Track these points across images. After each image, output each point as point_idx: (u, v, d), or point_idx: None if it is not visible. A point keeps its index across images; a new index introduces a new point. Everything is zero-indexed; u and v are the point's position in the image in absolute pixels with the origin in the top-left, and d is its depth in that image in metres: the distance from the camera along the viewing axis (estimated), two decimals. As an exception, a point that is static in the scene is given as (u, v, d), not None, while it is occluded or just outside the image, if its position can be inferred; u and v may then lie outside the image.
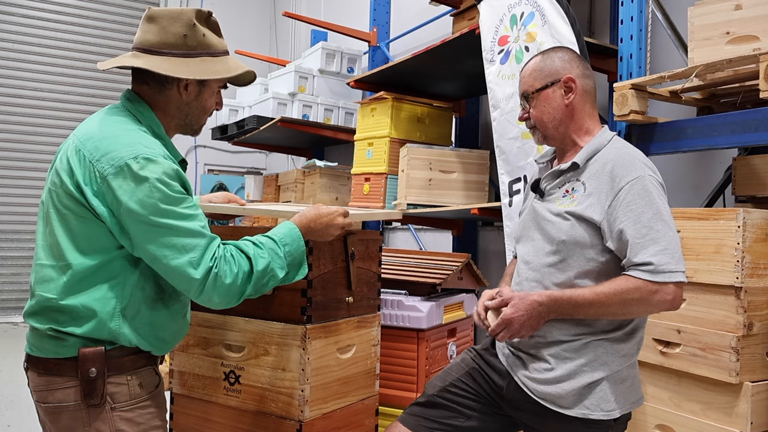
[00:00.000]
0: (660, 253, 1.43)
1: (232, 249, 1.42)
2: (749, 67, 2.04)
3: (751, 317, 1.82)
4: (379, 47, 4.64)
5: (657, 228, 1.45)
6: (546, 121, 1.64)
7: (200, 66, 1.46)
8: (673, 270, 1.43)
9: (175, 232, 1.34)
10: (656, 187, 1.51)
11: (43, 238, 1.42)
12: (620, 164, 1.52)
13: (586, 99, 1.63)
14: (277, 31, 7.23)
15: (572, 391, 1.52)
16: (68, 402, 1.37)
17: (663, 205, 1.49)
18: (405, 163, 3.23)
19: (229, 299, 1.41)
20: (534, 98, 1.64)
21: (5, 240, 6.23)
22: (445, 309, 2.56)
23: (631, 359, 1.56)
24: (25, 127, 6.33)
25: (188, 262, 1.34)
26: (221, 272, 1.37)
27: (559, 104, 1.62)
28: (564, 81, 1.61)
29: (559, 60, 1.63)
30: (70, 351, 1.37)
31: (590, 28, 3.29)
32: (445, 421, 1.71)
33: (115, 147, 1.35)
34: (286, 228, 1.54)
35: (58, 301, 1.36)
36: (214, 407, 1.97)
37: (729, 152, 2.59)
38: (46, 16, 6.44)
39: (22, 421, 3.36)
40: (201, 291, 1.37)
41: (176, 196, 1.36)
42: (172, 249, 1.34)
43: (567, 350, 1.54)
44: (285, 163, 6.67)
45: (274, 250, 1.47)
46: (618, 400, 1.52)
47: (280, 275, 1.48)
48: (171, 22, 1.45)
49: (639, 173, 1.50)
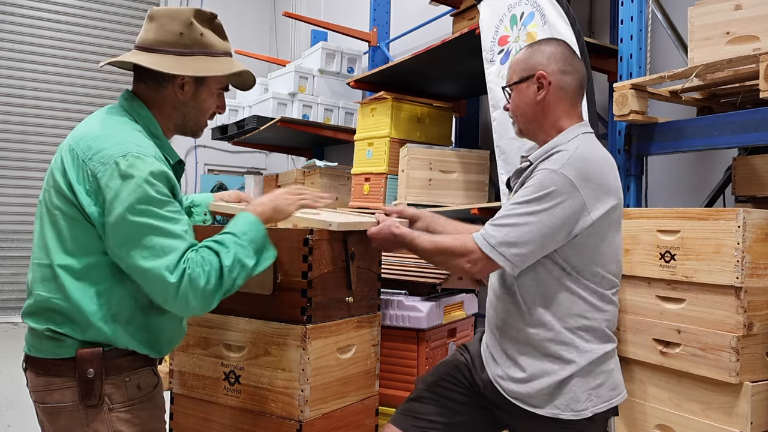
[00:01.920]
0: (498, 226, 1.49)
1: (201, 251, 1.37)
2: (749, 67, 2.04)
3: (751, 317, 1.82)
4: (379, 47, 4.65)
5: (516, 210, 1.48)
6: (519, 115, 1.66)
7: (195, 64, 1.45)
8: (491, 243, 1.47)
9: (155, 232, 1.30)
10: (555, 184, 1.45)
11: (39, 238, 1.42)
12: (550, 160, 1.51)
13: (561, 96, 1.59)
14: (277, 31, 7.23)
15: (542, 390, 1.53)
16: (66, 402, 1.37)
17: (546, 200, 1.45)
18: (405, 163, 3.23)
19: (206, 302, 1.35)
20: (512, 90, 1.66)
21: (5, 240, 6.23)
22: (445, 309, 2.56)
23: (602, 357, 1.54)
24: (25, 127, 6.33)
25: (165, 265, 1.29)
26: (194, 274, 1.31)
27: (531, 100, 1.61)
28: (537, 77, 1.59)
29: (541, 54, 1.61)
30: (68, 352, 1.36)
31: (590, 28, 3.29)
32: (434, 418, 1.72)
33: (107, 145, 1.34)
34: (241, 218, 1.50)
35: (55, 301, 1.36)
36: (214, 407, 1.97)
37: (729, 152, 2.59)
38: (46, 16, 6.44)
39: (22, 421, 3.36)
40: (176, 296, 1.31)
41: (159, 197, 1.33)
42: (150, 249, 1.30)
43: (536, 349, 1.55)
44: (285, 163, 6.67)
45: (237, 242, 1.42)
46: (590, 399, 1.51)
47: (249, 264, 1.42)
48: (169, 20, 1.46)
49: (554, 167, 1.48)
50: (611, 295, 1.57)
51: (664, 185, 2.93)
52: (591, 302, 1.54)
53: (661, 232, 2.01)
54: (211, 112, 1.56)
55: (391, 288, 2.59)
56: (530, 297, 1.55)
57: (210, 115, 1.57)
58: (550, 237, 1.47)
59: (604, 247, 1.54)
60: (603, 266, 1.55)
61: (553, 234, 1.47)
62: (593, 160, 1.51)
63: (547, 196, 1.46)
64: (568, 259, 1.52)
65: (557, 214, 1.45)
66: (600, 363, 1.54)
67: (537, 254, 1.50)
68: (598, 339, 1.55)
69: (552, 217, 1.45)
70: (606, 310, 1.56)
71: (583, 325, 1.53)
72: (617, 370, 1.60)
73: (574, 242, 1.50)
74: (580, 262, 1.53)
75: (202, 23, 1.48)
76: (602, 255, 1.54)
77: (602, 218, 1.50)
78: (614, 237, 1.57)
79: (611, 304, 1.57)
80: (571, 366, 1.52)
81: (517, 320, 1.58)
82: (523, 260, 1.48)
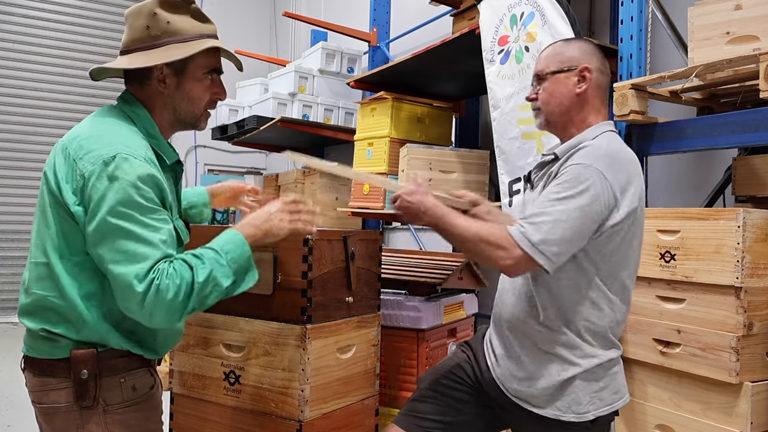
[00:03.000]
0: (537, 223, 1.41)
1: (175, 263, 1.31)
2: (749, 67, 2.04)
3: (751, 317, 1.82)
4: (379, 47, 4.64)
5: (555, 206, 1.42)
6: (553, 106, 1.61)
7: (164, 53, 1.41)
8: (529, 240, 1.40)
9: (130, 237, 1.27)
10: (591, 178, 1.43)
11: (36, 236, 1.41)
12: (581, 155, 1.49)
13: (596, 94, 1.60)
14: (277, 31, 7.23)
15: (544, 391, 1.52)
16: (61, 403, 1.36)
17: (581, 193, 1.42)
18: (405, 163, 3.23)
19: (171, 316, 1.29)
20: (546, 79, 1.61)
21: (5, 240, 6.23)
22: (445, 309, 2.56)
23: (606, 363, 1.53)
24: (25, 127, 6.33)
25: (134, 273, 1.25)
26: (162, 286, 1.26)
27: (570, 91, 1.59)
28: (580, 70, 1.58)
29: (580, 50, 1.62)
30: (63, 352, 1.35)
31: (590, 28, 3.29)
32: (437, 417, 1.71)
33: (97, 146, 1.33)
34: (228, 235, 1.43)
35: (51, 300, 1.35)
36: (214, 407, 1.97)
37: (729, 152, 2.59)
38: (46, 16, 6.44)
39: (22, 421, 3.36)
40: (141, 306, 1.26)
41: (142, 202, 1.29)
42: (122, 254, 1.26)
43: (542, 349, 1.55)
44: (285, 163, 6.67)
45: (216, 260, 1.35)
46: (592, 402, 1.51)
47: (224, 284, 1.35)
48: (135, 17, 1.44)
49: (587, 162, 1.45)
50: (620, 302, 1.55)
51: (664, 185, 2.93)
52: (602, 308, 1.52)
53: (661, 232, 2.01)
54: (207, 99, 1.50)
55: (391, 288, 2.59)
56: (546, 297, 1.53)
57: (208, 103, 1.51)
58: (585, 233, 1.44)
59: (630, 253, 1.53)
60: (626, 273, 1.54)
61: (588, 230, 1.44)
62: (623, 158, 1.51)
63: (584, 191, 1.42)
64: (596, 262, 1.49)
65: (595, 210, 1.43)
66: (604, 367, 1.53)
67: (572, 252, 1.46)
68: (605, 343, 1.54)
69: (590, 213, 1.42)
70: (615, 317, 1.55)
71: (592, 329, 1.52)
72: (621, 373, 1.59)
73: (602, 244, 1.48)
74: (608, 266, 1.50)
75: (171, 10, 1.44)
76: (628, 261, 1.53)
77: (629, 217, 1.48)
78: (639, 243, 1.56)
79: (620, 312, 1.56)
80: (575, 368, 1.51)
81: (528, 319, 1.57)
82: (562, 258, 1.44)
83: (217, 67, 1.50)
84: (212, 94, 1.50)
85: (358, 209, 3.65)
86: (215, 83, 1.51)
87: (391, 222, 4.65)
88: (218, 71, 1.51)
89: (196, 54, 1.42)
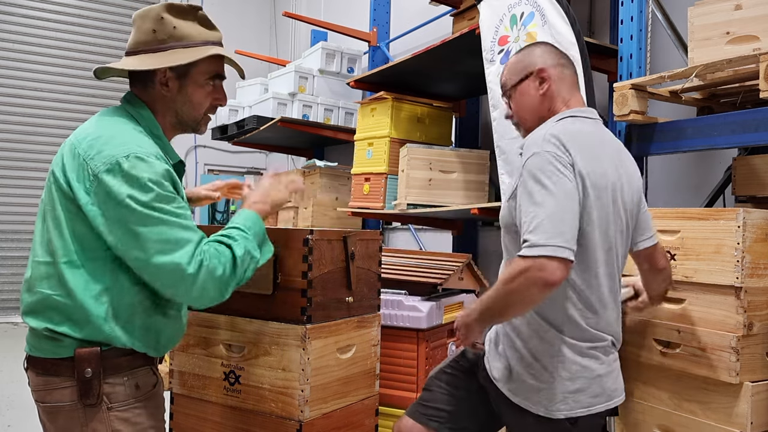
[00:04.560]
0: (535, 230, 1.39)
1: (212, 243, 1.42)
2: (749, 67, 2.04)
3: (751, 317, 1.82)
4: (379, 47, 4.65)
5: (535, 205, 1.42)
6: (526, 113, 1.66)
7: (168, 57, 1.44)
8: (542, 244, 1.37)
9: (169, 225, 1.33)
10: (549, 163, 1.44)
11: (40, 235, 1.43)
12: (529, 142, 1.52)
13: (561, 86, 1.63)
14: (277, 31, 7.23)
15: (522, 385, 1.54)
16: (65, 402, 1.37)
17: (551, 179, 1.43)
18: (405, 163, 3.23)
19: (222, 291, 1.40)
20: (512, 92, 1.67)
21: (5, 240, 6.23)
22: (445, 309, 2.56)
23: (585, 365, 1.52)
24: (25, 127, 6.33)
25: (181, 258, 1.33)
26: (212, 265, 1.36)
27: (534, 96, 1.63)
28: (537, 72, 1.62)
29: (531, 54, 1.66)
30: (67, 351, 1.37)
31: (590, 28, 3.29)
32: (440, 406, 1.75)
33: (109, 146, 1.35)
34: (244, 214, 1.54)
35: (57, 298, 1.37)
36: (214, 407, 1.97)
37: (729, 152, 2.59)
38: (46, 16, 6.44)
39: (23, 421, 3.37)
40: (193, 286, 1.34)
41: (167, 194, 1.35)
42: (165, 243, 1.32)
43: (523, 344, 1.56)
44: (285, 163, 6.67)
45: (243, 236, 1.47)
46: (565, 401, 1.49)
47: (257, 256, 1.49)
48: (143, 20, 1.47)
49: (536, 149, 1.47)
50: (597, 302, 1.53)
51: (664, 185, 2.93)
52: (580, 308, 1.52)
53: (661, 232, 2.01)
54: (207, 105, 1.53)
55: (391, 288, 2.59)
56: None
57: (209, 108, 1.54)
58: (575, 209, 1.44)
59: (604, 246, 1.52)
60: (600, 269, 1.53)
61: (574, 204, 1.44)
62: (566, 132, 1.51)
63: (547, 172, 1.44)
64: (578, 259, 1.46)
65: (566, 185, 1.43)
66: (582, 369, 1.51)
67: (576, 232, 1.44)
68: (583, 343, 1.53)
69: (564, 189, 1.43)
70: (594, 318, 1.53)
71: (572, 329, 1.52)
72: (608, 377, 1.55)
73: (583, 240, 1.47)
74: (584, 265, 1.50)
75: (178, 16, 1.47)
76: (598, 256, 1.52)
77: (594, 200, 1.48)
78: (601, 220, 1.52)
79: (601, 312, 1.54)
80: (553, 365, 1.51)
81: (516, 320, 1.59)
82: (573, 243, 1.41)
83: (219, 73, 1.54)
84: (213, 99, 1.54)
85: (358, 209, 3.65)
86: (217, 89, 1.54)
87: (391, 222, 4.65)
88: (221, 77, 1.55)
89: (200, 60, 1.46)
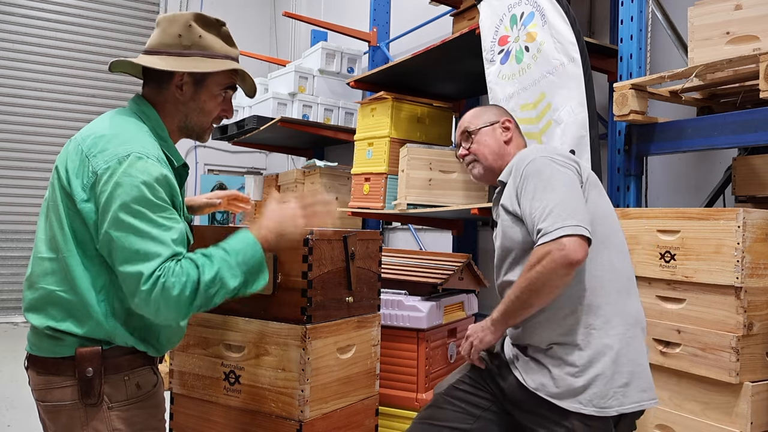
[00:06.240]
0: (547, 218, 1.50)
1: (183, 261, 1.33)
2: (749, 67, 2.04)
3: (751, 317, 1.82)
4: (379, 47, 4.64)
5: (543, 197, 1.53)
6: (487, 154, 1.80)
7: (190, 63, 1.47)
8: (559, 226, 1.47)
9: (140, 235, 1.30)
10: (548, 163, 1.59)
11: (44, 232, 1.44)
12: (518, 159, 1.67)
13: (517, 134, 1.85)
14: (277, 31, 7.23)
15: (566, 385, 1.53)
16: (66, 401, 1.38)
17: (553, 175, 1.56)
18: (405, 163, 3.23)
19: (176, 313, 1.32)
20: (476, 134, 1.82)
21: (5, 240, 6.23)
22: (445, 309, 2.56)
23: (623, 354, 1.54)
24: (25, 127, 6.33)
25: (140, 271, 1.28)
26: (168, 283, 1.28)
27: (498, 140, 1.81)
28: (502, 122, 1.84)
29: (496, 110, 1.89)
30: (68, 350, 1.38)
31: (590, 28, 3.29)
32: (454, 425, 1.70)
33: (111, 144, 1.36)
34: (239, 236, 1.44)
35: (60, 294, 1.37)
36: (214, 407, 1.97)
37: (729, 152, 2.59)
38: (46, 16, 6.44)
39: (23, 421, 3.36)
40: (147, 303, 1.29)
41: (155, 201, 1.32)
42: (131, 252, 1.29)
43: (561, 348, 1.55)
44: (285, 163, 6.67)
45: (224, 259, 1.37)
46: (615, 397, 1.51)
47: (231, 284, 1.36)
48: (170, 24, 1.50)
49: (531, 158, 1.62)
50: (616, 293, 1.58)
51: (664, 185, 2.93)
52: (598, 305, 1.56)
53: (661, 232, 2.01)
54: (215, 115, 1.56)
55: (391, 288, 2.59)
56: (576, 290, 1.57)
57: (215, 119, 1.57)
58: (581, 195, 1.56)
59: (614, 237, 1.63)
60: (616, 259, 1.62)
61: (580, 191, 1.57)
62: (551, 150, 1.69)
63: (548, 170, 1.57)
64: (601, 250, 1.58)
65: (568, 174, 1.57)
66: (627, 362, 1.54)
67: (587, 216, 1.52)
68: (617, 328, 1.55)
69: (567, 177, 1.56)
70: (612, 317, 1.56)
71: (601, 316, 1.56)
72: (637, 368, 1.57)
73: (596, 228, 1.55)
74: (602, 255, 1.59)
75: (204, 27, 1.51)
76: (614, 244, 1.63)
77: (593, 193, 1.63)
78: (620, 237, 1.67)
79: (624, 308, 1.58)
80: (597, 363, 1.52)
81: (547, 324, 1.58)
82: (588, 222, 1.50)
83: (231, 87, 1.57)
84: (221, 110, 1.57)
85: (358, 209, 3.65)
86: (226, 101, 1.58)
87: (391, 222, 4.65)
88: (233, 88, 1.58)
89: (218, 71, 1.50)
